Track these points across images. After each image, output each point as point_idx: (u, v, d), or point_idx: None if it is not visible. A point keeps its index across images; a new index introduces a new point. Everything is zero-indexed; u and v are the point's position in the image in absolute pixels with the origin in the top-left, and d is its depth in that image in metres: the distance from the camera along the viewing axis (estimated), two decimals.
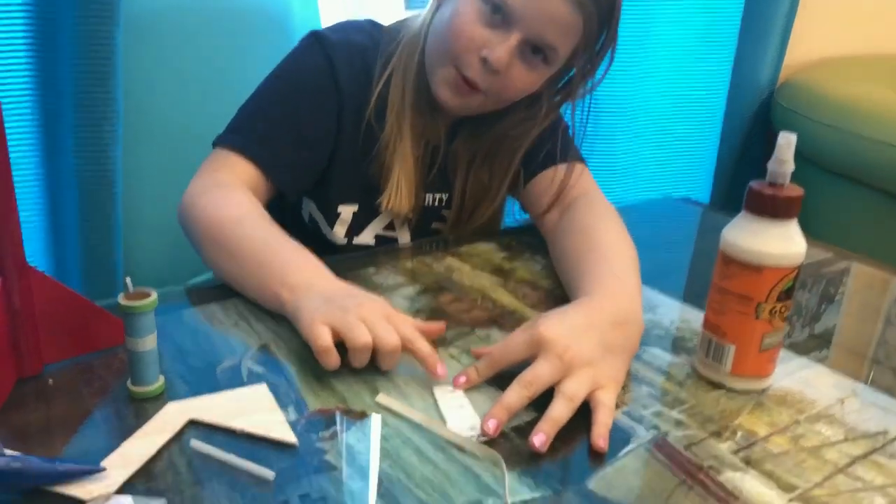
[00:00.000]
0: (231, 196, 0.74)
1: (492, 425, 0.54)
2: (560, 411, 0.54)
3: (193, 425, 0.53)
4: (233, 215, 0.71)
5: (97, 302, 0.60)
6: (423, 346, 0.59)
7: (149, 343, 0.55)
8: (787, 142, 0.57)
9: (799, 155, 0.57)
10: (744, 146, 1.70)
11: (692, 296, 0.79)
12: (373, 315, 0.59)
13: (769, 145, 0.58)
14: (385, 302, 0.63)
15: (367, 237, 0.90)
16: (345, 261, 0.83)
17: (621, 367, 0.60)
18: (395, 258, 0.84)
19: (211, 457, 0.50)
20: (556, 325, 0.58)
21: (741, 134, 1.69)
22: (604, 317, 0.61)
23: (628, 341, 0.62)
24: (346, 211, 0.88)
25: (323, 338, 0.58)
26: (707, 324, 0.63)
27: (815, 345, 0.71)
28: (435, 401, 0.58)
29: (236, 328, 0.66)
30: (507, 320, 0.71)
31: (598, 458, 0.52)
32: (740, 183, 1.77)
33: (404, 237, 0.91)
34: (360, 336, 0.57)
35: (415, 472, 0.50)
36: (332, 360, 0.58)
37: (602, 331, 0.60)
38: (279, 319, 0.67)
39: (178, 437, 0.52)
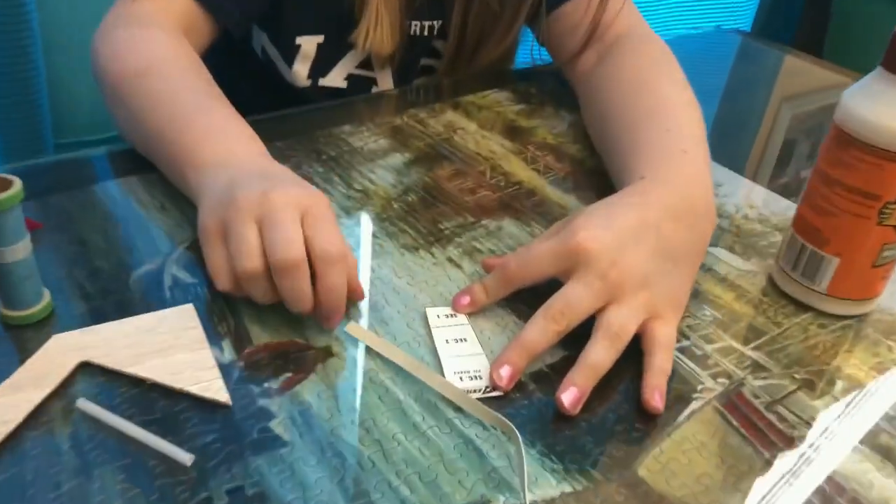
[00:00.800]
0: (145, 36, 0.54)
1: (505, 374, 0.38)
2: (600, 354, 0.39)
3: (86, 370, 0.38)
4: (141, 64, 0.52)
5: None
6: (336, 278, 0.39)
7: (18, 252, 0.39)
8: None
9: None
10: None
11: (760, 167, 0.61)
12: (278, 209, 0.39)
13: None
14: (312, 193, 0.41)
15: (336, 78, 0.70)
16: (309, 114, 0.64)
17: (684, 283, 0.44)
18: (377, 111, 0.65)
19: (105, 425, 0.35)
20: (599, 231, 0.42)
21: None
22: (664, 211, 0.44)
23: (697, 245, 0.45)
24: (309, 43, 0.67)
25: (214, 265, 0.41)
26: (800, 224, 0.46)
27: None
28: (428, 330, 0.42)
29: (162, 213, 0.50)
30: (524, 204, 0.54)
31: (651, 424, 0.38)
32: (782, 15, 1.53)
33: (384, 78, 0.72)
34: (246, 257, 0.39)
35: (395, 451, 0.35)
36: (231, 290, 0.41)
37: (660, 232, 0.43)
38: None
39: (63, 390, 0.37)
